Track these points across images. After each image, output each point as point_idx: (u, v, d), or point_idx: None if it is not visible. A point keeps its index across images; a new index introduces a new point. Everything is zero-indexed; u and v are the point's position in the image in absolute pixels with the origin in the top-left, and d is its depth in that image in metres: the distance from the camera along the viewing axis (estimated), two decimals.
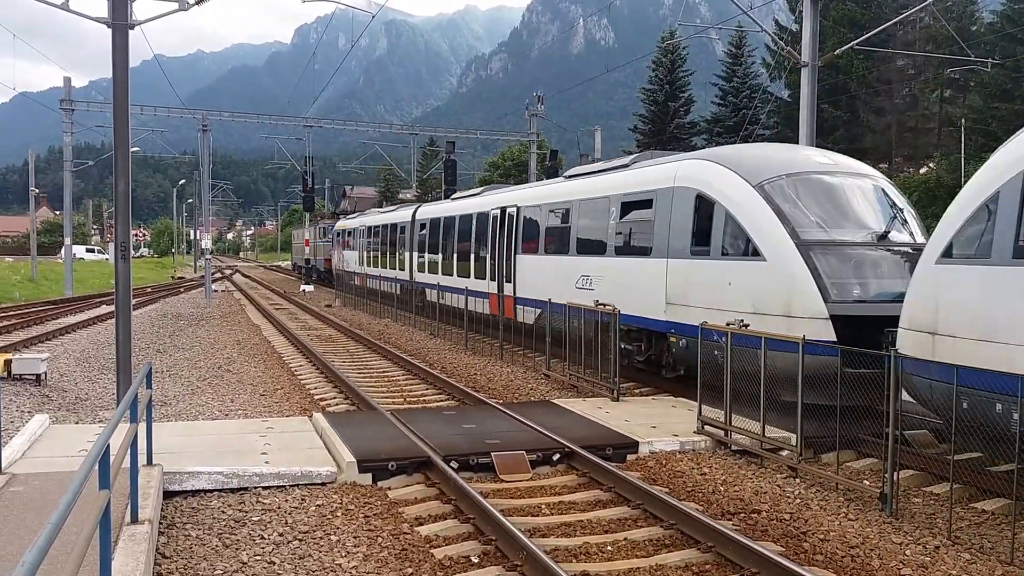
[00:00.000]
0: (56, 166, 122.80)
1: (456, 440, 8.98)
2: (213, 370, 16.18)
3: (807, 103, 16.13)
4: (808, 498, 7.64)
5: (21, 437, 8.58)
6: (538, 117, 49.69)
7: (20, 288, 40.45)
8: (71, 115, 39.90)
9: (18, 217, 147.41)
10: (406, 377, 15.31)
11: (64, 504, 2.86)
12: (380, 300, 30.05)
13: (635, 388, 13.85)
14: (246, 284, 56.18)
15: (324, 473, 7.96)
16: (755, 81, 55.66)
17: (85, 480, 3.20)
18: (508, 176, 63.94)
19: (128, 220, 11.56)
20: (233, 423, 10.52)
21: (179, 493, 7.51)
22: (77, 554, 2.78)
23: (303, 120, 48.24)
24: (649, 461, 8.82)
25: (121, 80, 11.36)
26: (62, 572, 2.66)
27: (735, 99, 55.14)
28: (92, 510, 3.28)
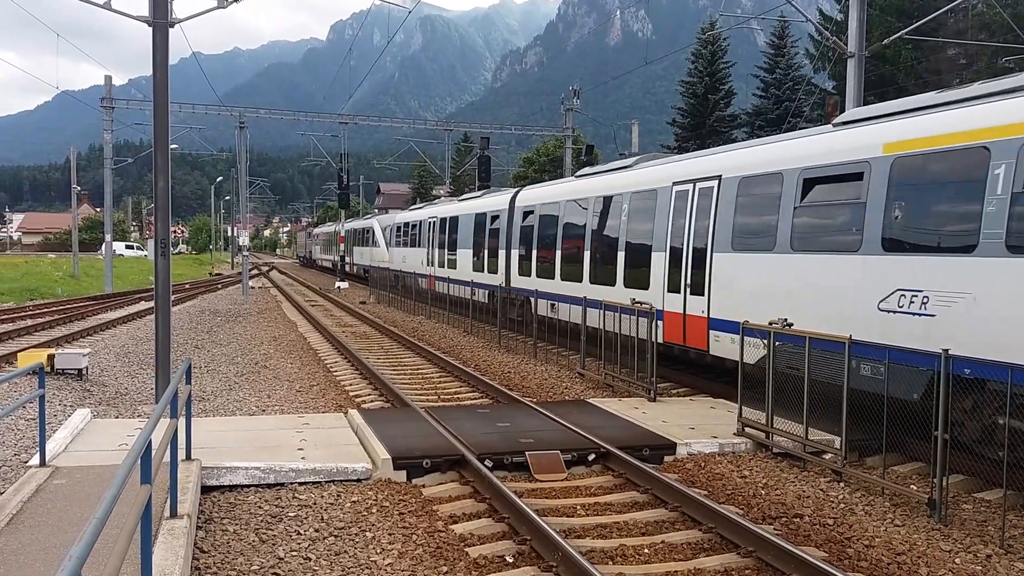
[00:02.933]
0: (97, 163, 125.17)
1: (490, 439, 9.00)
2: (250, 366, 16.40)
3: (853, 95, 15.89)
4: (852, 503, 7.54)
5: (64, 431, 8.78)
6: (574, 111, 49.60)
7: (62, 284, 41.34)
8: (111, 113, 40.65)
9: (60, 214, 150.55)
10: (440, 374, 15.38)
11: (108, 499, 2.93)
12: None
13: (672, 388, 13.78)
14: (282, 281, 56.82)
15: (359, 470, 8.04)
16: (798, 73, 54.87)
17: (128, 475, 3.27)
18: (543, 172, 63.80)
19: (168, 217, 11.73)
20: (270, 419, 10.66)
21: (217, 488, 7.63)
22: (120, 548, 2.84)
23: (338, 117, 48.66)
24: (687, 463, 8.77)
25: (161, 78, 11.53)
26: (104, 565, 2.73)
27: (777, 91, 54.46)
28: (134, 504, 3.35)
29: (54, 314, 25.86)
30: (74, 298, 34.65)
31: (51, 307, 29.04)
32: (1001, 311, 7.71)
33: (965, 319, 8.04)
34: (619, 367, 13.19)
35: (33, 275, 44.72)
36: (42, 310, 27.58)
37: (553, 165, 60.36)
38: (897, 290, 8.92)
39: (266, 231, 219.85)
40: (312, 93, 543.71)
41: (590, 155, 41.11)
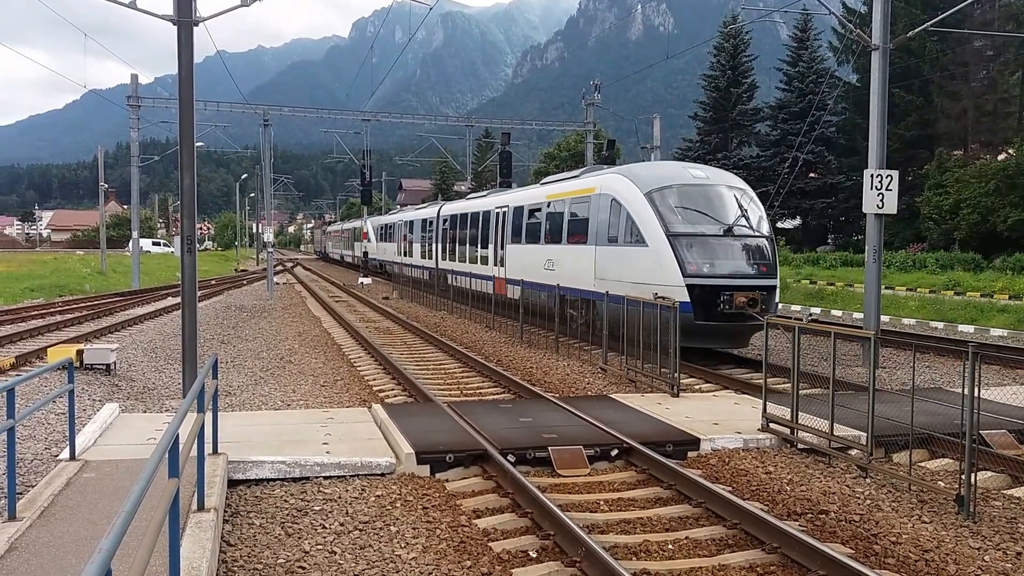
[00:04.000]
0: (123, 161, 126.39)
1: (513, 433, 8.99)
2: (276, 361, 16.50)
3: (878, 88, 15.70)
4: (879, 499, 7.46)
5: (93, 425, 8.88)
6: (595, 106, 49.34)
7: (90, 280, 41.82)
8: (138, 111, 41.00)
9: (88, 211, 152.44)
10: (462, 369, 15.40)
11: (136, 493, 2.95)
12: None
13: (696, 384, 13.70)
14: (307, 277, 57.14)
15: (383, 464, 8.06)
16: (822, 66, 54.46)
17: (156, 469, 3.29)
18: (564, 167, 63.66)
19: (194, 214, 11.81)
20: (295, 413, 10.72)
21: (243, 482, 7.67)
22: (148, 541, 2.86)
23: (361, 114, 48.79)
24: (711, 459, 8.71)
25: (186, 76, 11.60)
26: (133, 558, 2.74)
27: (801, 84, 54.05)
28: (162, 498, 3.37)
29: (83, 310, 26.16)
30: (102, 294, 35.03)
31: (80, 303, 29.38)
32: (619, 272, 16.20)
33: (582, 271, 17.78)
34: (642, 362, 13.14)
35: (62, 272, 45.28)
36: (71, 306, 27.90)
37: (575, 160, 60.21)
38: (548, 259, 20.01)
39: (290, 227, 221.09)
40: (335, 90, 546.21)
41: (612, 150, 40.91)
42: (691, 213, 15.58)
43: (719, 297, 14.49)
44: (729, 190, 16.42)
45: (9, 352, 16.65)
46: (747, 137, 59.23)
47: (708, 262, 14.93)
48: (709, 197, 16.01)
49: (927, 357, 16.63)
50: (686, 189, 16.09)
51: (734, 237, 15.39)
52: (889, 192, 15.12)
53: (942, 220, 39.22)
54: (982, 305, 24.49)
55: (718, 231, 15.35)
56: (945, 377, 14.50)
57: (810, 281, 34.43)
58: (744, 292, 14.69)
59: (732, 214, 15.75)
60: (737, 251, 15.38)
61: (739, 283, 14.83)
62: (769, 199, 41.01)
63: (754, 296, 14.70)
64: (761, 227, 16.09)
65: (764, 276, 15.33)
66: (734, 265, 15.12)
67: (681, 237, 15.12)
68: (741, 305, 14.51)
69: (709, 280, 14.68)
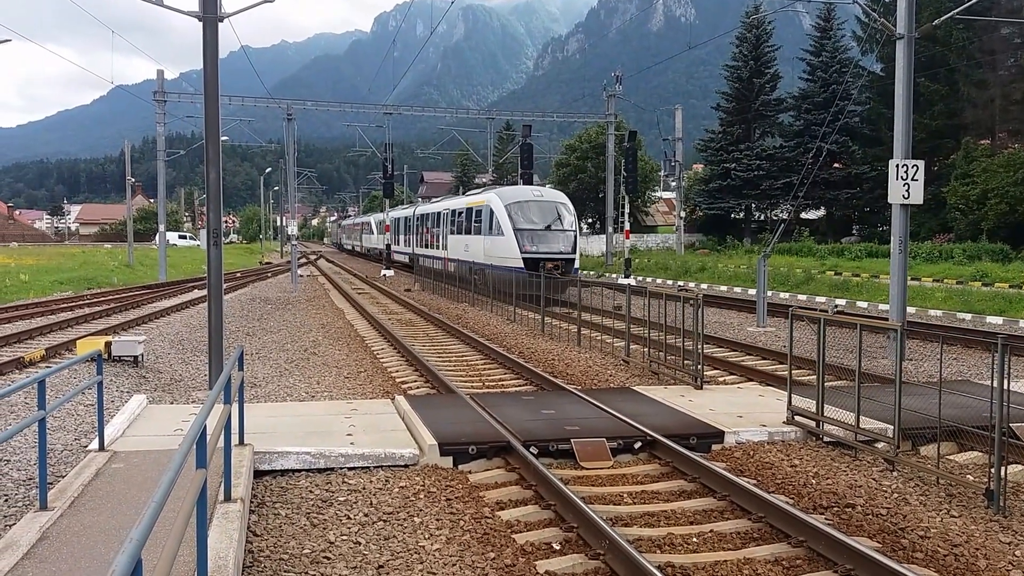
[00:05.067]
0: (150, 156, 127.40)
1: (535, 425, 8.97)
2: (300, 353, 16.59)
3: (903, 77, 15.48)
4: (906, 493, 7.37)
5: (121, 416, 8.96)
6: (616, 98, 49.15)
7: (117, 273, 42.22)
8: (164, 106, 41.35)
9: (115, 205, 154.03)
10: (484, 361, 15.40)
11: (165, 483, 2.95)
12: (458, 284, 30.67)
13: (719, 376, 13.63)
14: (330, 269, 57.38)
15: (407, 455, 8.07)
16: (845, 55, 53.89)
17: (184, 460, 3.30)
18: (585, 159, 63.39)
19: (219, 207, 11.86)
20: (319, 404, 10.77)
21: (268, 472, 7.71)
22: (177, 531, 2.86)
23: (383, 107, 48.85)
24: (736, 452, 8.65)
25: (211, 72, 11.65)
26: (163, 548, 2.75)
27: (824, 74, 53.52)
28: (190, 488, 3.38)
29: (110, 303, 26.44)
30: (129, 287, 35.38)
31: (107, 296, 29.70)
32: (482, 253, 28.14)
33: (477, 253, 29.10)
34: (665, 354, 13.07)
35: (90, 265, 45.73)
36: (99, 299, 28.20)
37: (596, 152, 59.94)
38: (465, 244, 30.88)
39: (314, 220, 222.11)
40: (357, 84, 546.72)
41: (633, 141, 40.65)
42: (529, 217, 27.24)
43: (539, 264, 25.10)
44: (553, 203, 28.27)
45: (39, 344, 16.88)
46: (770, 127, 58.77)
47: (534, 245, 26.46)
48: (541, 207, 27.82)
49: (954, 349, 16.43)
50: (528, 203, 27.78)
51: (550, 231, 27.14)
52: (915, 182, 14.92)
53: (969, 210, 38.71)
54: (1011, 296, 24.14)
55: (541, 227, 27.13)
56: (973, 369, 14.32)
57: (835, 272, 34.11)
58: (552, 261, 26.00)
59: (551, 218, 27.56)
60: (550, 238, 26.90)
61: (550, 256, 26.22)
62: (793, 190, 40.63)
63: (558, 263, 26.07)
64: (570, 225, 27.68)
65: (566, 253, 26.71)
66: (548, 247, 26.60)
67: (521, 230, 26.79)
68: (550, 269, 25.08)
69: (533, 255, 26.06)
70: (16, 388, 5.54)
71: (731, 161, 55.88)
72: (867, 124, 51.38)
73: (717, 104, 60.81)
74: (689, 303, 12.24)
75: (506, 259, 26.62)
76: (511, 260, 26.31)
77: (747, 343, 17.18)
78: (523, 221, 27.23)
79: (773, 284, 30.46)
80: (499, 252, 27.33)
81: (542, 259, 25.82)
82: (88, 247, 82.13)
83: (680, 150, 52.16)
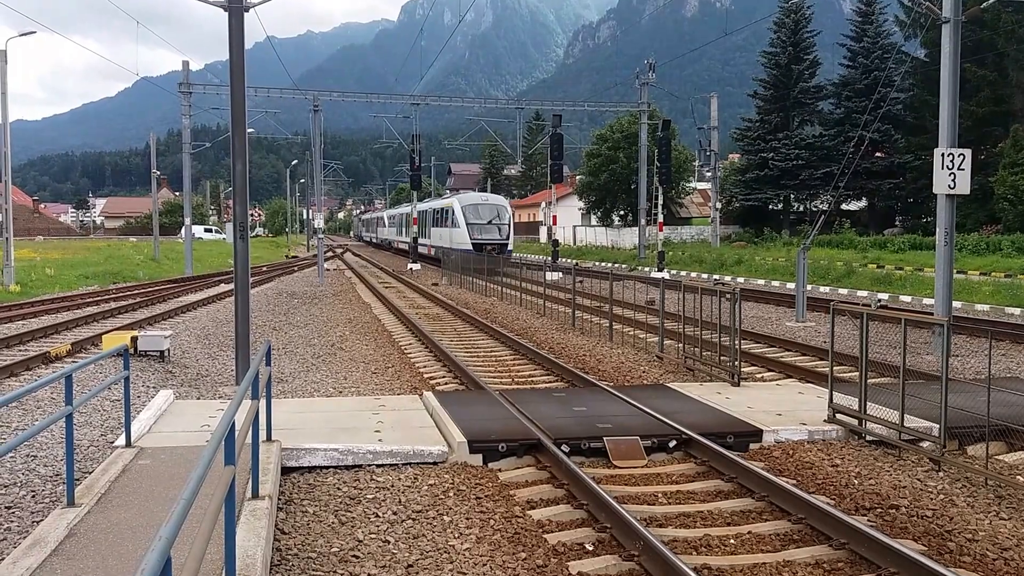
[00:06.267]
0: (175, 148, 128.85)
1: (567, 423, 8.96)
2: (327, 348, 16.71)
3: (948, 63, 15.21)
4: (953, 494, 7.26)
5: (148, 412, 9.08)
6: (649, 86, 48.83)
7: (143, 267, 42.82)
8: (189, 98, 41.73)
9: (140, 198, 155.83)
10: (513, 357, 15.40)
11: (194, 480, 2.98)
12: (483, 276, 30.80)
13: (757, 372, 13.52)
14: (356, 263, 57.74)
15: (435, 452, 8.09)
16: (888, 40, 53.13)
17: (213, 456, 3.33)
18: (617, 149, 63.04)
19: (246, 200, 11.97)
20: (347, 400, 10.83)
21: (296, 469, 7.77)
22: (205, 529, 2.89)
23: (410, 98, 48.91)
24: (774, 451, 8.57)
25: (237, 62, 11.74)
26: (191, 546, 2.77)
27: (866, 60, 52.80)
28: (218, 485, 3.41)
29: (136, 297, 26.81)
30: (155, 281, 35.87)
31: (133, 290, 30.11)
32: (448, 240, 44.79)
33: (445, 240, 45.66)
34: (700, 350, 12.99)
35: (116, 259, 46.39)
36: (125, 293, 28.61)
37: (628, 141, 59.62)
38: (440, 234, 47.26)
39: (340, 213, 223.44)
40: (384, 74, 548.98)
41: (667, 130, 40.40)
42: (477, 215, 42.40)
43: (483, 248, 38.88)
44: (495, 206, 43.89)
45: (65, 339, 17.15)
46: (809, 116, 58.10)
47: (480, 234, 41.07)
48: (487, 207, 43.61)
49: (1003, 345, 16.16)
50: (477, 205, 43.61)
51: (491, 224, 42.04)
52: (961, 172, 14.68)
53: (1018, 200, 38.02)
54: None
55: (485, 222, 42.06)
56: (1023, 366, 14.07)
57: (877, 265, 33.69)
58: (491, 245, 40.20)
59: (492, 215, 42.71)
60: (491, 231, 41.63)
61: (490, 242, 40.75)
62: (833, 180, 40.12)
63: (495, 247, 40.22)
64: (505, 221, 42.93)
65: (501, 241, 41.77)
66: (489, 237, 41.22)
67: (471, 224, 42.02)
68: (490, 250, 38.06)
69: (479, 241, 40.63)
70: (43, 383, 5.62)
71: (769, 150, 55.32)
72: (911, 112, 50.60)
73: (754, 92, 60.21)
74: (725, 297, 12.14)
75: (463, 244, 41.29)
76: (465, 245, 40.99)
77: (786, 339, 17.03)
78: (473, 218, 42.75)
79: (813, 278, 30.13)
80: (458, 240, 42.43)
81: (485, 244, 41.03)
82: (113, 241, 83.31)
83: (716, 139, 51.75)
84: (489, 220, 42.47)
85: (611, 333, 17.51)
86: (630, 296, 20.81)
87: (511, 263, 32.10)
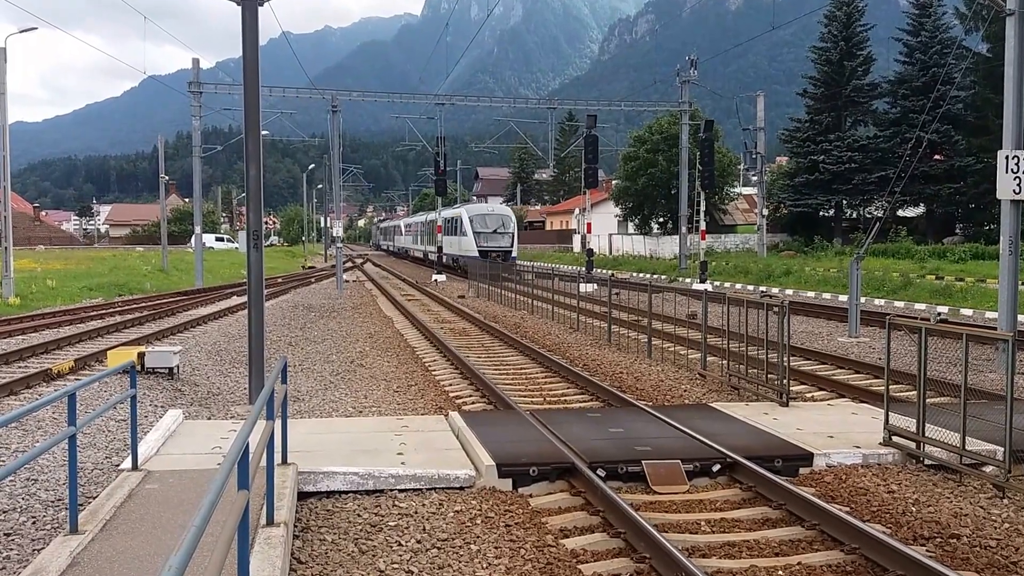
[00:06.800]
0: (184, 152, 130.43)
1: (602, 445, 8.95)
2: (346, 364, 16.82)
3: (1014, 58, 15.05)
4: (1018, 523, 7.16)
5: (156, 433, 9.18)
6: (691, 84, 48.76)
7: (151, 279, 43.35)
8: (199, 98, 42.21)
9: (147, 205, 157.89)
10: (545, 374, 15.41)
11: (206, 506, 3.02)
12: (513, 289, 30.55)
13: (807, 391, 13.42)
14: (377, 273, 58.08)
15: (462, 476, 8.11)
16: (947, 35, 52.70)
17: (226, 481, 3.37)
18: (656, 151, 62.96)
19: (260, 207, 12.03)
20: (367, 421, 10.89)
21: (313, 494, 7.83)
22: (217, 558, 2.92)
23: (435, 97, 49.14)
24: (826, 476, 8.51)
25: (251, 59, 11.87)
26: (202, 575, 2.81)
27: (923, 56, 52.40)
28: (231, 512, 3.44)
29: (143, 310, 27.15)
30: (163, 293, 36.30)
31: (140, 303, 30.50)
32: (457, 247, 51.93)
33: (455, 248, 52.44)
34: (746, 367, 12.92)
35: (121, 269, 47.06)
36: (131, 306, 28.99)
37: (668, 144, 59.54)
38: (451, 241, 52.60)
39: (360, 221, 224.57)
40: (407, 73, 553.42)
41: (710, 131, 40.25)
42: (483, 224, 49.52)
43: (488, 255, 43.54)
44: (499, 216, 51.78)
45: (68, 355, 17.38)
46: (863, 116, 57.73)
47: (486, 242, 47.83)
48: (493, 217, 51.25)
49: None
50: (484, 216, 51.01)
51: (496, 233, 48.99)
52: None
53: None
54: None
55: (491, 231, 49.02)
56: None
57: (936, 276, 33.32)
58: (496, 253, 45.62)
59: (497, 225, 49.85)
60: (496, 238, 48.55)
61: (494, 249, 46.74)
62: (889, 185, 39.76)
63: (500, 254, 45.71)
64: (509, 230, 50.02)
65: (505, 248, 48.23)
66: (494, 244, 47.94)
67: (478, 233, 48.91)
68: (494, 257, 42.91)
69: (485, 248, 46.71)
70: (45, 402, 5.69)
71: (819, 153, 54.98)
72: (972, 111, 50.10)
73: (803, 90, 59.92)
74: (773, 310, 12.08)
75: (470, 251, 48.19)
76: (473, 252, 47.68)
77: (838, 355, 16.89)
78: (480, 227, 49.51)
79: (867, 290, 29.85)
80: (466, 247, 49.28)
81: (490, 251, 46.90)
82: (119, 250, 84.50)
83: (762, 141, 51.52)
84: (494, 229, 49.70)
85: (650, 349, 17.46)
86: (670, 309, 20.75)
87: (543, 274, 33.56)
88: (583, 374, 14.57)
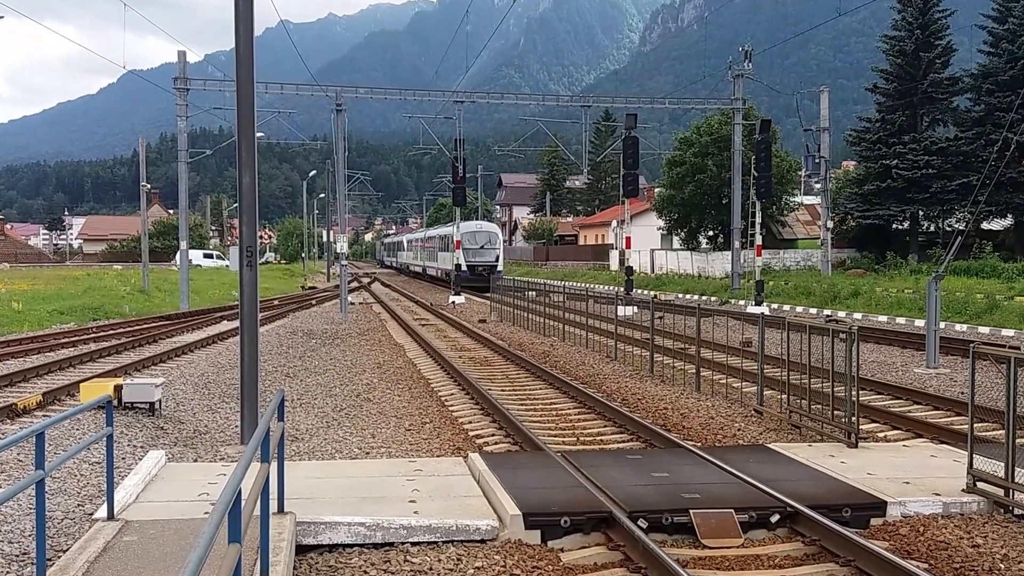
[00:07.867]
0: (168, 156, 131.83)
1: (644, 492, 8.94)
2: (351, 398, 16.88)
3: None
4: None
5: (135, 477, 9.24)
6: (744, 78, 48.79)
7: (130, 301, 43.64)
8: (186, 96, 42.46)
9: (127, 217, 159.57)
10: (578, 410, 15.40)
11: (194, 562, 3.04)
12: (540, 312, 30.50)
13: (879, 431, 13.34)
14: (386, 295, 58.40)
15: (484, 528, 8.12)
16: None
17: (215, 534, 3.39)
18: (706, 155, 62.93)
19: (254, 220, 11.99)
20: (375, 463, 10.93)
21: (314, 547, 7.85)
22: None
23: (452, 95, 49.27)
24: (901, 527, 8.47)
25: (245, 52, 11.94)
26: None
27: (1011, 46, 52.15)
28: (221, 568, 3.47)
29: (121, 337, 27.34)
30: (144, 317, 36.55)
31: (117, 328, 30.73)
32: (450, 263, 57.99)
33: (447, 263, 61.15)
34: (808, 403, 12.85)
35: (97, 290, 47.38)
36: (107, 332, 29.20)
37: (718, 146, 59.53)
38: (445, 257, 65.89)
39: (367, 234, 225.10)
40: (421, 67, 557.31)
41: (766, 132, 40.22)
42: (473, 241, 61.79)
43: (475, 269, 59.23)
44: (487, 232, 64.93)
45: (35, 388, 17.46)
46: (942, 114, 57.46)
47: (473, 257, 60.70)
48: (482, 234, 64.13)
49: None
50: (473, 233, 62.57)
51: (483, 249, 62.40)
52: None
53: None
54: None
55: (478, 247, 62.16)
56: None
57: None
58: (482, 267, 59.72)
59: (484, 241, 63.22)
60: (482, 254, 62.02)
61: (481, 264, 60.61)
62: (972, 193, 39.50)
63: (486, 269, 58.70)
64: (495, 246, 63.57)
65: (491, 263, 61.33)
66: (481, 259, 61.35)
67: (467, 249, 59.09)
68: (480, 272, 58.34)
69: (472, 263, 59.83)
70: (9, 443, 5.72)
71: (892, 157, 54.74)
72: None
73: (873, 85, 59.76)
74: (840, 337, 12.02)
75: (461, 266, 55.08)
76: (463, 266, 55.77)
77: (914, 388, 16.78)
78: (469, 244, 59.54)
79: (947, 313, 29.63)
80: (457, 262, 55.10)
81: (477, 265, 59.05)
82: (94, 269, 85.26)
83: (826, 143, 51.40)
84: (482, 245, 62.05)
85: (698, 381, 17.41)
86: (721, 336, 20.66)
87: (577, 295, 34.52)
88: (622, 410, 14.55)
